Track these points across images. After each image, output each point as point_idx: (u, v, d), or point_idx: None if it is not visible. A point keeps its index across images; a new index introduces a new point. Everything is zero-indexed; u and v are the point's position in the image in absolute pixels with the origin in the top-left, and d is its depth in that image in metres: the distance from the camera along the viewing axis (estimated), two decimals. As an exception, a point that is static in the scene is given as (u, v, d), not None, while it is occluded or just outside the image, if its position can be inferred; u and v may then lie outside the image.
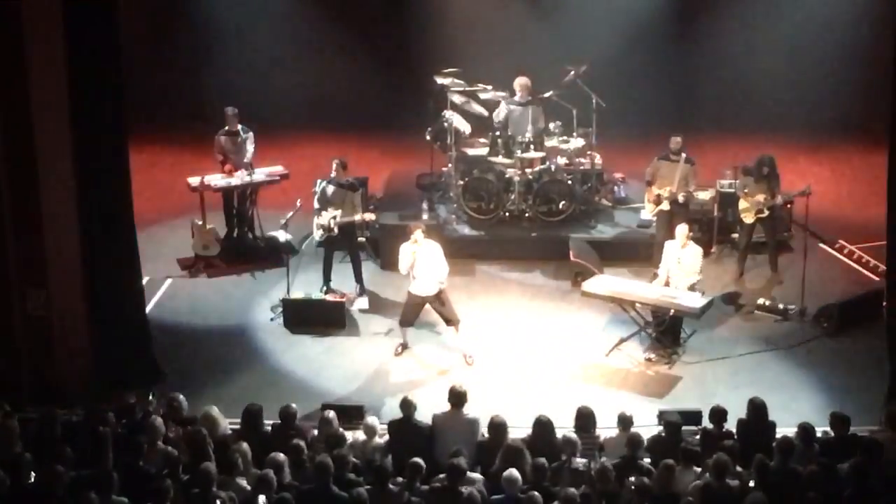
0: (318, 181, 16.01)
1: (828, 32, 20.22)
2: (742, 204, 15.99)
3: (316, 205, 15.70)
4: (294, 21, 20.81)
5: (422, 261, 14.16)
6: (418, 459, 10.53)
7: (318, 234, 15.71)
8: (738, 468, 10.73)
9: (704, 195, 17.03)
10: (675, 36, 20.41)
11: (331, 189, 15.57)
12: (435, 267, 14.19)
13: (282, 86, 20.59)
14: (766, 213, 15.85)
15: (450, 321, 14.46)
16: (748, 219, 15.97)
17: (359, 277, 15.92)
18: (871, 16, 19.17)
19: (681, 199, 15.92)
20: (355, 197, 15.68)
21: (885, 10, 15.76)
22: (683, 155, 15.97)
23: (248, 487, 10.25)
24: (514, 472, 10.24)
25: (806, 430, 11.24)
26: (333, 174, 15.61)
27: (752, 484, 10.51)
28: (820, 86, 20.20)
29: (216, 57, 20.61)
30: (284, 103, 20.40)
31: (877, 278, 16.04)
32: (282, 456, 10.51)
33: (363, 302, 15.75)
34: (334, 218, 15.42)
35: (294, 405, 11.68)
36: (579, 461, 10.72)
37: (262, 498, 10.06)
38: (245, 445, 10.81)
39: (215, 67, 20.56)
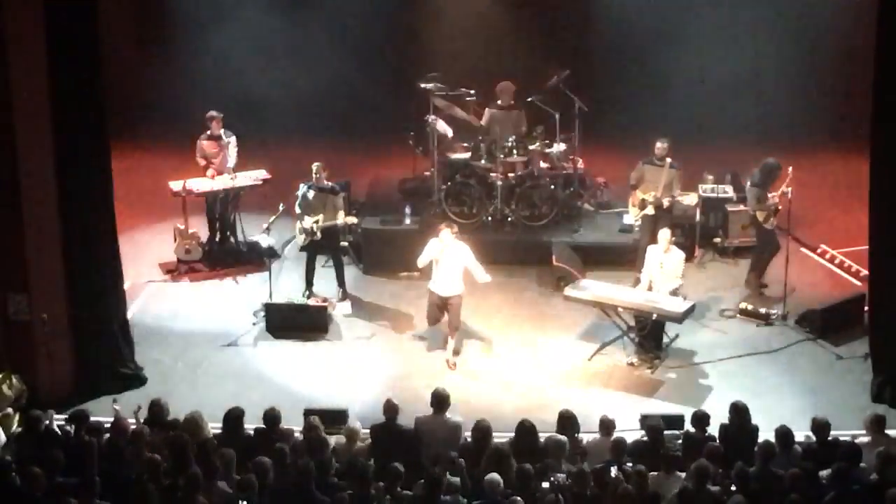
0: (302, 185, 16.01)
1: (809, 37, 20.31)
2: (761, 216, 15.67)
3: (298, 210, 15.69)
4: (276, 25, 20.76)
5: (444, 261, 14.24)
6: (397, 465, 10.54)
7: (301, 239, 15.70)
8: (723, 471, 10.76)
9: (688, 200, 17.05)
10: (657, 41, 20.44)
11: (312, 193, 15.56)
12: (456, 269, 14.25)
13: (264, 90, 20.53)
14: (780, 208, 15.67)
15: (450, 326, 14.47)
16: (772, 224, 15.72)
17: (341, 282, 15.91)
18: (851, 20, 19.24)
19: (665, 203, 15.93)
20: (337, 200, 15.66)
21: (865, 14, 15.81)
22: (668, 160, 15.97)
23: (230, 491, 10.23)
24: (495, 475, 10.24)
25: (784, 434, 11.26)
26: (314, 178, 15.60)
27: (732, 488, 10.52)
28: (801, 91, 20.25)
29: (198, 61, 20.55)
30: (267, 108, 20.34)
31: (859, 283, 16.10)
32: (267, 459, 10.49)
33: (346, 306, 15.73)
34: (317, 222, 15.41)
35: (277, 409, 11.65)
36: (560, 476, 10.65)
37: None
38: (230, 452, 10.77)
39: (197, 71, 20.51)
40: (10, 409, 12.50)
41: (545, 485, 10.51)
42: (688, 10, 20.50)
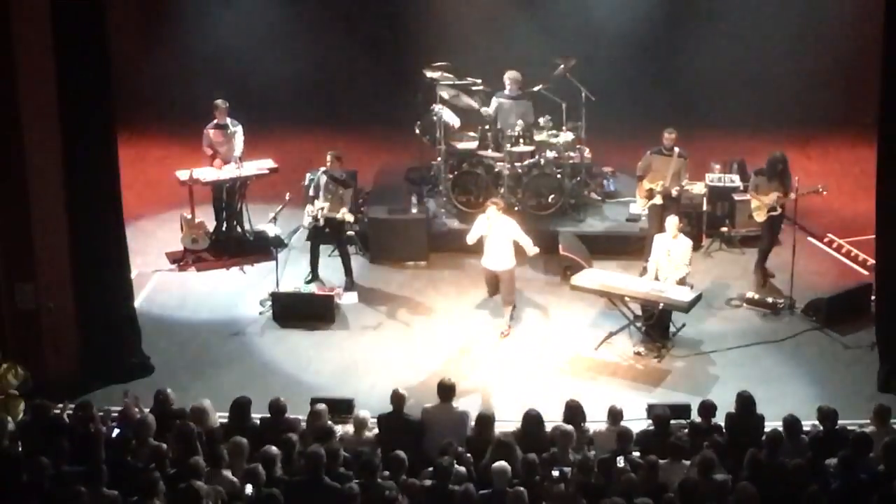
0: (309, 175, 16.00)
1: (816, 27, 20.25)
2: (754, 203, 15.75)
3: (311, 192, 15.73)
4: (282, 14, 20.77)
5: (492, 236, 14.51)
6: (400, 453, 10.56)
7: (306, 221, 15.71)
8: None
9: (695, 190, 17.02)
10: (664, 30, 20.41)
11: (324, 179, 15.60)
12: (505, 244, 14.50)
13: (271, 79, 20.55)
14: (780, 210, 15.70)
15: (503, 300, 14.81)
16: (760, 217, 15.75)
17: (348, 272, 15.90)
18: (861, 9, 19.18)
19: (674, 193, 15.91)
20: (345, 193, 15.66)
21: (875, 4, 15.77)
22: (677, 149, 15.94)
23: (236, 480, 10.25)
24: (503, 464, 10.25)
25: (791, 422, 11.27)
26: (329, 166, 15.63)
27: (730, 480, 10.50)
28: (808, 80, 20.20)
29: (205, 49, 20.53)
30: (274, 97, 20.37)
31: (865, 272, 16.06)
32: (274, 449, 10.51)
33: (352, 296, 15.74)
34: (322, 209, 15.44)
35: (283, 399, 11.67)
36: (565, 469, 10.65)
37: (248, 488, 10.06)
38: (242, 441, 10.76)
39: (204, 60, 20.50)
40: (15, 391, 12.54)
41: (556, 473, 10.51)
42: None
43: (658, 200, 15.94)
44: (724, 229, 17.11)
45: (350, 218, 15.71)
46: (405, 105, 18.61)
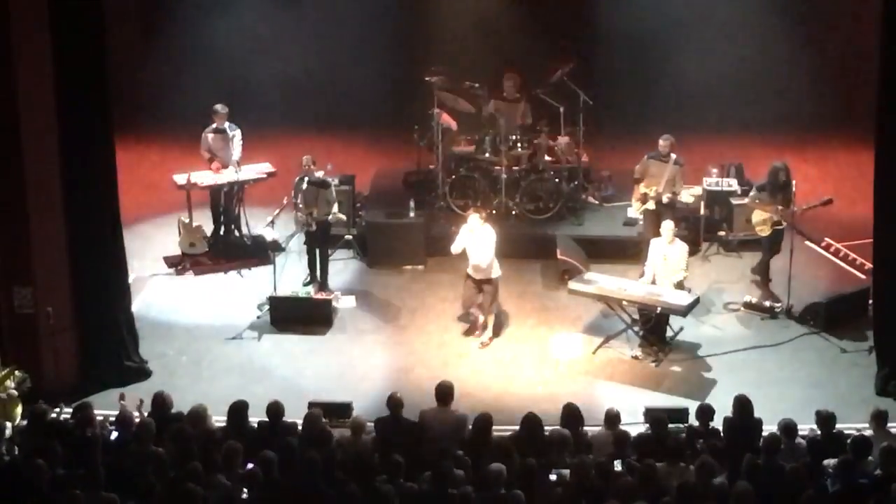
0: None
1: (813, 29, 20.27)
2: (756, 217, 15.66)
3: (294, 199, 15.73)
4: (281, 18, 20.76)
5: (474, 245, 14.47)
6: (398, 456, 10.55)
7: (296, 229, 15.72)
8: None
9: (690, 196, 17.02)
10: (662, 34, 20.40)
11: (304, 185, 15.61)
12: (487, 253, 14.46)
13: (269, 83, 20.54)
14: (785, 224, 15.67)
15: (484, 310, 14.75)
16: (764, 232, 15.67)
17: (323, 274, 15.88)
18: (857, 12, 19.20)
19: (665, 199, 15.89)
20: (328, 194, 15.66)
21: (871, 8, 15.79)
22: (673, 156, 15.94)
23: (229, 484, 10.24)
24: (500, 465, 10.24)
25: (787, 426, 11.26)
26: (307, 170, 15.66)
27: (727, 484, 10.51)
28: (806, 83, 20.21)
29: (203, 53, 20.53)
30: (271, 101, 20.36)
31: (863, 276, 16.07)
32: (272, 453, 10.50)
33: (350, 300, 15.73)
34: (311, 214, 15.45)
35: (281, 402, 11.65)
36: (564, 472, 10.66)
37: (245, 492, 10.07)
38: (237, 445, 10.75)
39: (202, 64, 20.49)
40: (14, 392, 12.53)
41: (553, 477, 10.51)
42: (694, 3, 20.47)
43: (651, 205, 15.95)
44: (722, 233, 17.12)
45: (342, 216, 15.73)
46: (403, 109, 18.61)
